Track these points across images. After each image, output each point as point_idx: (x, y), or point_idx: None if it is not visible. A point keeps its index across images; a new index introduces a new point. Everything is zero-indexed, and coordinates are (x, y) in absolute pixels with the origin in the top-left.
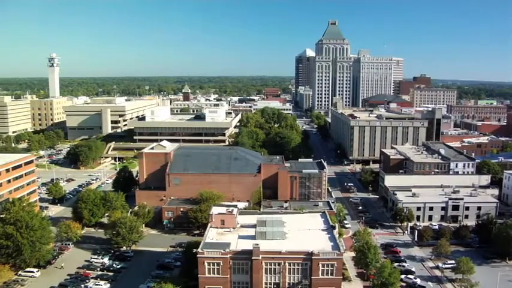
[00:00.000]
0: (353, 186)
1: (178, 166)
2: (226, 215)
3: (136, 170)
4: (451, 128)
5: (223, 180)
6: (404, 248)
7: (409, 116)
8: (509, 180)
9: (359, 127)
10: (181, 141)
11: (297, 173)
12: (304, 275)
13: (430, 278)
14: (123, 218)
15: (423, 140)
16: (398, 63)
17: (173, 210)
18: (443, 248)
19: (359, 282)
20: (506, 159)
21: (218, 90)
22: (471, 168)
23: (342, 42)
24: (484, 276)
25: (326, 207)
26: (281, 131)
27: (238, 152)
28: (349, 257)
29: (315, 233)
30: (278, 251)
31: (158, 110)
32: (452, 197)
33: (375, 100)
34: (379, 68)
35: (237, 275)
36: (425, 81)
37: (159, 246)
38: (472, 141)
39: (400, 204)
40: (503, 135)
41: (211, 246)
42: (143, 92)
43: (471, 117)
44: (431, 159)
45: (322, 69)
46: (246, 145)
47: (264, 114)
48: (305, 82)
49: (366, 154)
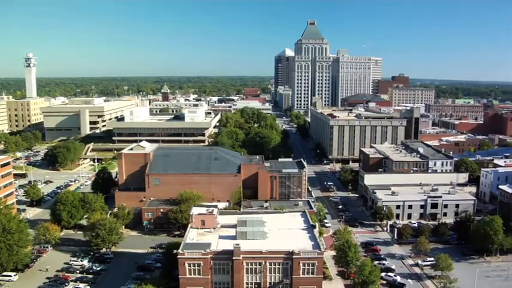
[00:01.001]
0: (333, 186)
1: (157, 167)
2: (206, 215)
3: (115, 171)
4: (429, 127)
5: (203, 181)
6: (384, 246)
7: (387, 115)
8: (487, 178)
9: (338, 126)
10: (161, 142)
11: (277, 173)
12: (285, 275)
13: (409, 276)
14: (102, 220)
15: (402, 139)
16: (377, 62)
17: (153, 211)
18: (423, 245)
19: (340, 280)
20: (483, 157)
21: (197, 91)
22: (449, 167)
23: (321, 42)
24: (463, 273)
25: (306, 206)
26: (261, 131)
27: (218, 152)
28: (329, 255)
29: (296, 233)
30: (259, 251)
31: (137, 111)
32: (431, 195)
33: (354, 99)
34: (358, 68)
35: (218, 276)
36: (404, 80)
37: (139, 248)
38: (450, 140)
39: (380, 203)
40: (480, 134)
41: (192, 247)
42: (122, 93)
43: (449, 116)
44: (410, 158)
45: (301, 69)
46: (226, 145)
47: (244, 114)
48: (284, 82)
49: (346, 153)
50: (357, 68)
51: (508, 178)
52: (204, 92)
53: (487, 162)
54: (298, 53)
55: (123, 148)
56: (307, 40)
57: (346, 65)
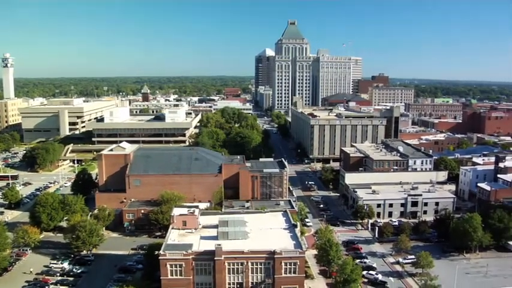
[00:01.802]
0: (314, 185)
1: (138, 167)
2: (187, 216)
3: (95, 173)
4: (409, 126)
5: (184, 181)
6: (366, 244)
7: (368, 115)
8: (466, 176)
9: (319, 126)
10: (141, 142)
11: (258, 173)
12: (267, 274)
13: (391, 273)
14: (82, 222)
15: (382, 138)
16: (357, 62)
17: (134, 212)
18: (403, 243)
19: (322, 279)
20: (462, 155)
21: (178, 91)
22: (429, 165)
23: (301, 41)
24: (443, 270)
25: (287, 206)
26: (241, 131)
27: (199, 153)
28: (311, 255)
29: (277, 232)
30: (240, 251)
31: (117, 111)
32: (411, 193)
33: (335, 99)
34: (338, 68)
35: (199, 276)
36: (384, 80)
37: (120, 249)
38: (430, 139)
39: (361, 202)
40: (459, 133)
41: (173, 248)
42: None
43: (428, 115)
44: (390, 157)
45: (282, 69)
46: (207, 145)
47: (224, 114)
48: (265, 82)
49: (326, 153)
50: (337, 67)
51: (487, 176)
52: (184, 92)
53: (466, 160)
54: (279, 53)
55: (103, 149)
56: (288, 40)
57: (326, 64)
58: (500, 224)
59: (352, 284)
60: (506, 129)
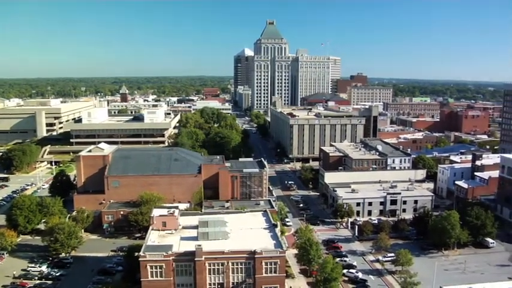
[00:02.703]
0: (293, 184)
1: (117, 168)
2: (167, 216)
3: (73, 174)
4: (388, 125)
5: (163, 182)
6: (346, 243)
7: (346, 114)
8: (443, 174)
9: (298, 126)
10: (120, 143)
11: (238, 173)
12: (248, 274)
13: (371, 271)
14: (61, 224)
15: (361, 137)
16: (335, 62)
17: (113, 213)
18: (383, 241)
19: (302, 278)
20: (440, 154)
21: (156, 91)
22: (407, 164)
23: (280, 41)
24: (422, 267)
25: (267, 205)
26: (221, 131)
27: (178, 153)
28: (291, 254)
29: (257, 232)
30: (221, 251)
31: (95, 112)
32: (390, 191)
33: (314, 99)
34: (317, 67)
35: (180, 277)
36: (362, 79)
37: (99, 251)
38: (408, 137)
39: (340, 201)
40: (437, 131)
41: (153, 249)
42: (79, 94)
43: (406, 114)
44: (369, 156)
45: (261, 69)
46: (186, 146)
47: (204, 114)
48: (244, 82)
49: (306, 152)
50: (316, 67)
51: (464, 174)
52: (163, 93)
53: (444, 158)
54: (258, 53)
55: (81, 150)
56: (267, 40)
57: (305, 64)
58: (478, 221)
59: (333, 282)
60: (482, 127)
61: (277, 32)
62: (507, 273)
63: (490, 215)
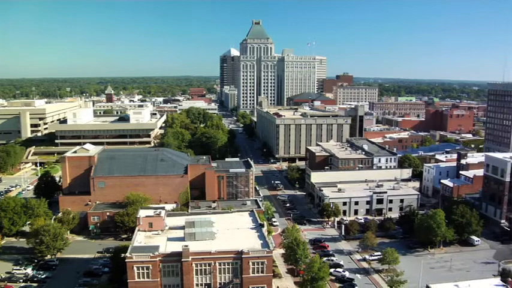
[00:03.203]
0: (280, 184)
1: (103, 169)
2: (154, 217)
3: (59, 175)
4: (374, 124)
5: (149, 182)
6: (332, 242)
7: (333, 114)
8: (429, 173)
9: (284, 125)
10: (106, 144)
11: (224, 173)
12: (235, 274)
13: (358, 270)
14: (46, 226)
15: (347, 137)
16: (321, 62)
17: (99, 215)
18: (370, 240)
19: (289, 278)
20: (425, 153)
21: (142, 91)
22: (393, 163)
23: (266, 41)
24: (409, 265)
25: (254, 205)
26: (207, 131)
27: (164, 153)
28: (278, 254)
29: (244, 232)
30: (208, 252)
31: (80, 112)
32: (376, 191)
33: (300, 98)
34: (303, 67)
35: (167, 278)
36: (348, 79)
37: (85, 253)
38: (394, 137)
39: (327, 200)
40: (422, 130)
41: (140, 250)
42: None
43: (392, 113)
44: (355, 155)
45: (246, 69)
46: (172, 146)
47: (190, 115)
48: (230, 81)
49: (292, 152)
50: (302, 67)
51: (449, 172)
52: (149, 93)
53: (429, 157)
54: (244, 53)
55: (66, 151)
56: (253, 40)
57: (291, 64)
58: (463, 219)
59: (320, 281)
60: (467, 126)
61: (263, 32)
62: (492, 270)
63: (475, 213)
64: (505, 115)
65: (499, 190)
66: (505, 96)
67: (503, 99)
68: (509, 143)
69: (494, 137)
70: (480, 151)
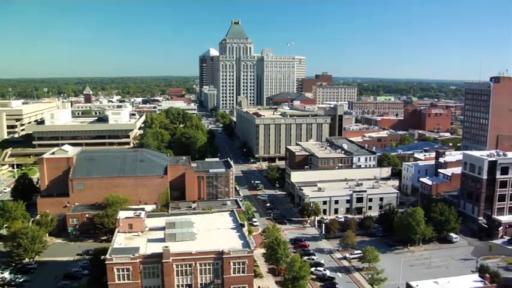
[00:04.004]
0: (260, 184)
1: (81, 171)
2: (133, 218)
3: (36, 177)
4: (353, 124)
5: (129, 183)
6: (313, 241)
7: (312, 113)
8: (408, 171)
9: (264, 125)
10: (84, 145)
11: (204, 173)
12: (216, 275)
13: (338, 269)
14: (24, 228)
15: (327, 136)
16: (300, 61)
17: (78, 216)
18: (350, 239)
19: (271, 277)
20: (404, 151)
21: (121, 92)
22: (373, 162)
23: (245, 41)
24: (389, 263)
25: (234, 205)
26: (186, 131)
27: (144, 154)
28: (259, 253)
29: (225, 232)
30: (188, 252)
31: (58, 113)
32: (356, 189)
33: (279, 98)
34: (282, 67)
35: (148, 280)
36: (327, 79)
37: (64, 255)
38: (373, 136)
39: (307, 199)
40: (401, 129)
41: (120, 252)
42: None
43: (371, 112)
44: (335, 154)
45: (226, 69)
46: (152, 146)
47: (169, 115)
48: (209, 81)
49: (272, 152)
50: (281, 67)
51: (428, 171)
52: (127, 93)
53: (408, 156)
54: (223, 53)
55: (44, 152)
56: (232, 40)
57: (270, 64)
58: (442, 216)
59: (301, 280)
60: (445, 125)
61: (242, 32)
62: (470, 266)
63: (453, 211)
64: (481, 114)
65: (477, 188)
66: (481, 95)
67: (479, 98)
68: (486, 141)
69: (472, 135)
70: (458, 149)
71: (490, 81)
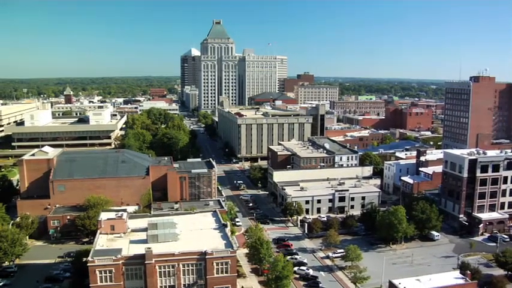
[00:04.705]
0: (243, 184)
1: (62, 172)
2: (115, 220)
3: (16, 179)
4: (335, 123)
5: (111, 185)
6: (296, 241)
7: (294, 113)
8: (390, 170)
9: (246, 125)
10: (65, 146)
11: (186, 173)
12: (199, 275)
13: (321, 268)
14: (3, 231)
15: (309, 136)
16: (282, 61)
17: (59, 218)
18: (332, 238)
19: (254, 277)
20: (386, 150)
21: (102, 92)
22: (354, 161)
23: (226, 41)
24: (371, 262)
25: (217, 206)
26: (168, 132)
27: (125, 155)
28: (242, 253)
29: (208, 233)
30: (171, 253)
31: (38, 114)
32: (338, 188)
33: (261, 98)
34: (264, 67)
35: (130, 281)
36: (309, 78)
37: (46, 258)
38: (354, 135)
39: (289, 199)
40: (383, 129)
41: (102, 254)
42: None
43: (353, 112)
44: (317, 154)
45: (207, 69)
46: (133, 147)
47: (151, 115)
48: (191, 82)
49: (254, 151)
50: (263, 66)
51: (409, 169)
52: (108, 94)
53: (390, 155)
54: (204, 53)
55: (24, 154)
56: (213, 39)
57: (252, 64)
58: (423, 215)
59: (284, 280)
60: (426, 124)
61: (223, 32)
62: (451, 264)
63: (434, 209)
64: (461, 113)
65: (457, 186)
66: (461, 94)
67: (459, 98)
68: (466, 140)
69: (452, 134)
70: (439, 148)
71: (469, 80)
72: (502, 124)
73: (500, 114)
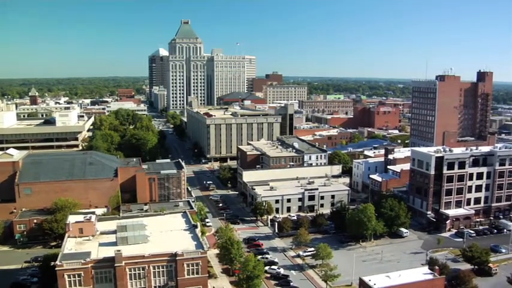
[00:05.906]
0: (212, 184)
1: (28, 175)
2: (84, 223)
3: None
4: (303, 123)
5: (78, 187)
6: (266, 240)
7: (263, 113)
8: (358, 168)
9: (215, 125)
10: (31, 148)
11: (155, 174)
12: (170, 277)
13: (292, 267)
14: None
15: (277, 135)
16: (250, 61)
17: (26, 222)
18: (303, 237)
19: (225, 278)
20: (354, 149)
21: (68, 93)
22: (323, 160)
23: (195, 41)
24: (342, 259)
25: (187, 206)
26: (137, 133)
27: (93, 157)
28: (213, 254)
29: (178, 234)
30: (141, 255)
31: (2, 116)
32: (308, 187)
33: (230, 98)
34: (232, 67)
35: (100, 285)
36: (277, 78)
37: (12, 263)
38: (323, 134)
39: (259, 199)
40: (351, 127)
41: (71, 257)
42: None
43: (321, 111)
44: (286, 153)
45: (176, 69)
46: (101, 149)
47: (118, 116)
48: (159, 82)
49: (223, 151)
50: (232, 66)
51: (378, 168)
52: (75, 95)
53: (358, 153)
54: (173, 53)
55: None
56: (181, 39)
57: (220, 64)
58: (392, 212)
59: (255, 280)
60: (393, 123)
61: (192, 32)
62: (420, 259)
63: (403, 206)
64: (428, 111)
65: (425, 183)
66: (427, 93)
67: (426, 96)
68: (433, 138)
69: (419, 132)
70: (406, 146)
71: (435, 79)
72: (468, 122)
73: (465, 112)
